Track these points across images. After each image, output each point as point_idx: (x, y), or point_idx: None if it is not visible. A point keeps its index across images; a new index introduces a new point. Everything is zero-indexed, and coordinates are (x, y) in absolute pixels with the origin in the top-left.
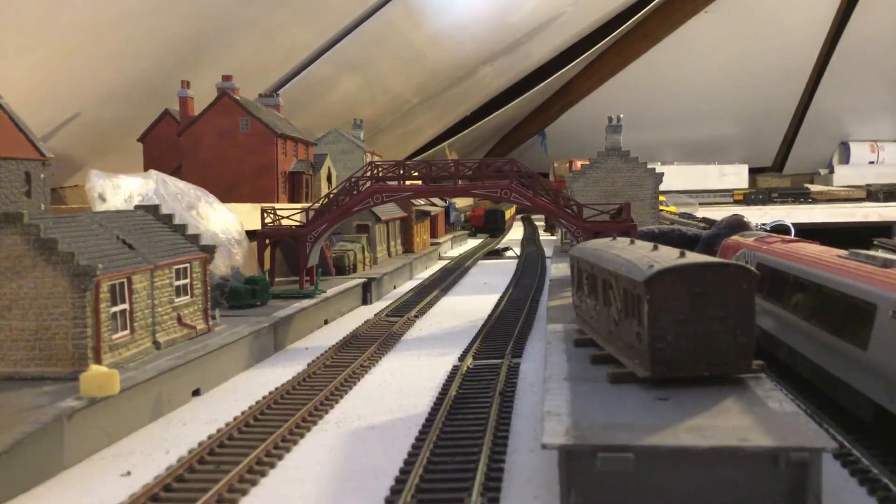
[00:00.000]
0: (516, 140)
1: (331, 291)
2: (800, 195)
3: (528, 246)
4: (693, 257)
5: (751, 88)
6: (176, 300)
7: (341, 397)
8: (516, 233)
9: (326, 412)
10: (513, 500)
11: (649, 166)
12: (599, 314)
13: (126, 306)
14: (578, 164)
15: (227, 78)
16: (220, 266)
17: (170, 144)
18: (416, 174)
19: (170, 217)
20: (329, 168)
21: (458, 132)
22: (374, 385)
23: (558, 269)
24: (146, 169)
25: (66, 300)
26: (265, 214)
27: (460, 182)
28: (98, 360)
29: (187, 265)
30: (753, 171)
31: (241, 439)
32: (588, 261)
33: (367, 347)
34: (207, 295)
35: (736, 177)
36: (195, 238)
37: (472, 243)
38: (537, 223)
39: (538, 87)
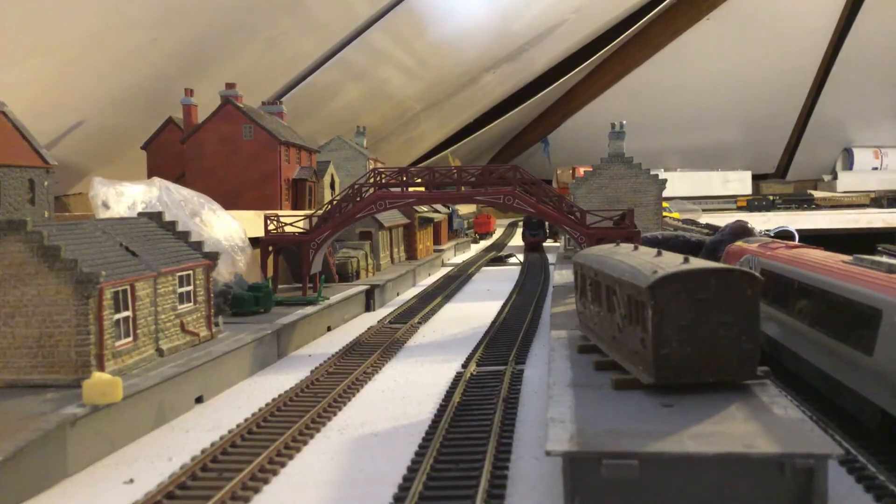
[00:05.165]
0: (519, 147)
1: (334, 298)
2: (803, 201)
3: (531, 252)
4: (697, 263)
5: (754, 95)
6: (179, 307)
7: (344, 404)
8: (519, 239)
9: (329, 419)
10: None
11: (652, 172)
12: (603, 320)
13: (129, 313)
14: (581, 170)
15: (230, 85)
16: (223, 273)
17: (173, 152)
18: (419, 181)
19: (173, 224)
20: (332, 175)
21: (461, 139)
22: (377, 392)
23: (562, 275)
24: (150, 176)
25: (70, 307)
26: (268, 221)
27: (463, 189)
28: (101, 368)
29: (190, 272)
30: (757, 178)
31: (244, 446)
32: (591, 267)
33: (371, 354)
34: (210, 302)
35: (739, 183)
36: (198, 245)
37: (476, 249)
38: None
39: (541, 94)
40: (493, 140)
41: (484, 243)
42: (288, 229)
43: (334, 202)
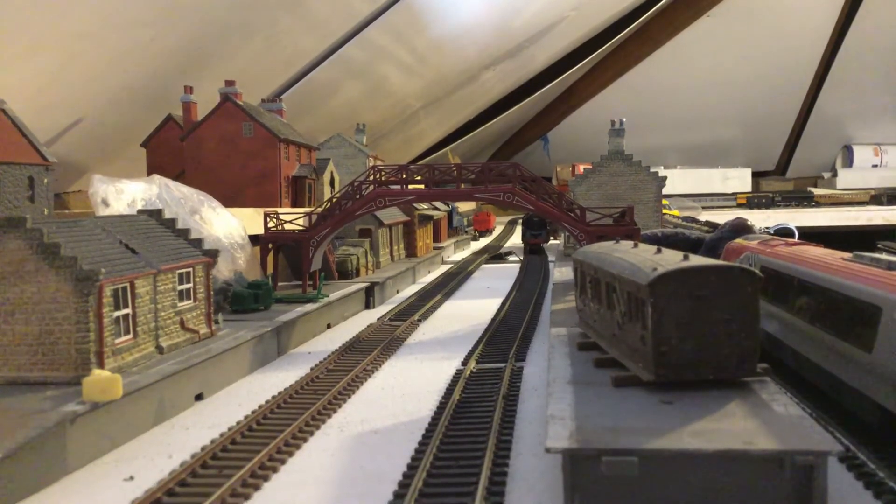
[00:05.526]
0: (519, 144)
1: (334, 296)
2: (803, 198)
3: (531, 255)
4: (697, 260)
5: (753, 92)
6: (179, 304)
7: (344, 402)
8: (518, 238)
9: (329, 416)
10: None
11: (652, 170)
12: (603, 317)
13: (129, 311)
14: (581, 168)
15: (230, 83)
16: (223, 270)
17: (173, 149)
18: (418, 178)
19: (173, 222)
20: (332, 172)
21: (461, 137)
22: (377, 389)
23: (561, 272)
24: (149, 174)
25: (69, 305)
26: (268, 219)
27: (463, 186)
28: (101, 365)
29: (190, 270)
30: (756, 175)
31: (243, 444)
32: (591, 264)
33: (370, 352)
34: (210, 299)
35: (739, 180)
36: (198, 242)
37: (475, 247)
38: None
39: (541, 91)
40: (493, 137)
41: (479, 243)
42: (288, 227)
43: (334, 199)
